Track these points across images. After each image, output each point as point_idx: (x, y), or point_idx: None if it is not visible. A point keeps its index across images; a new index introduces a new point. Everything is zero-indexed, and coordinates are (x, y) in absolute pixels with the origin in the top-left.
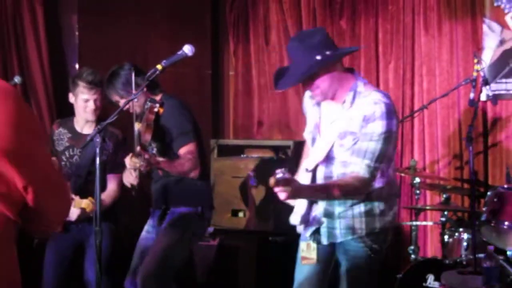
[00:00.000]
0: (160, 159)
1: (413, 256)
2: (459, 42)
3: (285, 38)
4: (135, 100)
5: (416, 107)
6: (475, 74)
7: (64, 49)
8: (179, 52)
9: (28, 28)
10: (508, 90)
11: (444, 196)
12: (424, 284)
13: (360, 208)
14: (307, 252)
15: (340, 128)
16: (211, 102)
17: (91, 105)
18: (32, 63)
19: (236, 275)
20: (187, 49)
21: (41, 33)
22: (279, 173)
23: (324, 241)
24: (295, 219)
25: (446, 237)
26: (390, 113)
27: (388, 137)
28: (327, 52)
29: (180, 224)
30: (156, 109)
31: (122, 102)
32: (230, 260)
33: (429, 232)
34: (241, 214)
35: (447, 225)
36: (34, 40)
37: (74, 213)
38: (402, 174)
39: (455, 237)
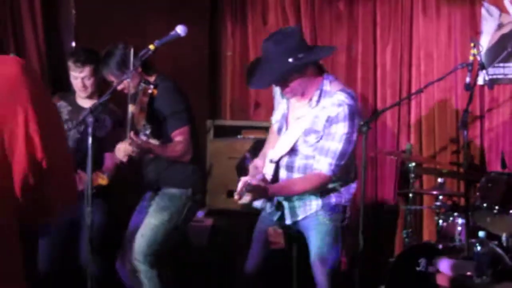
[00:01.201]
0: (153, 142)
1: (407, 240)
2: (457, 26)
3: (283, 19)
4: (128, 80)
5: (413, 90)
6: (471, 58)
7: (60, 28)
8: (172, 33)
9: (24, 7)
10: (505, 75)
11: (440, 180)
12: (417, 269)
13: (317, 192)
14: (274, 237)
15: (306, 125)
16: (208, 82)
17: (79, 82)
18: (28, 42)
19: (231, 255)
20: (180, 30)
21: (37, 11)
22: (244, 189)
23: (288, 221)
24: (257, 203)
25: (440, 221)
26: (353, 114)
27: (350, 137)
28: (300, 55)
29: (170, 205)
30: (150, 91)
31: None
32: (225, 241)
33: (424, 217)
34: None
35: (442, 210)
36: (30, 19)
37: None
38: (397, 158)
39: (449, 222)
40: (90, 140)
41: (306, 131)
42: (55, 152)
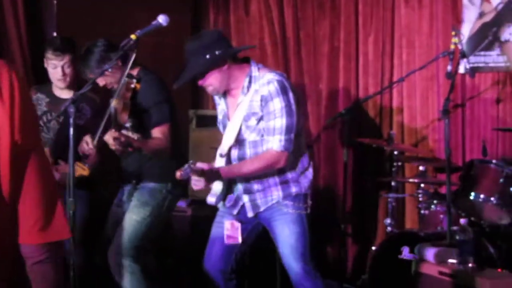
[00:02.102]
0: (134, 136)
1: (389, 228)
2: (439, 15)
3: (265, 9)
4: (110, 70)
5: (395, 79)
6: (453, 47)
7: (42, 18)
8: (154, 22)
9: None
10: (486, 63)
11: (421, 168)
12: (399, 257)
13: (275, 179)
14: (231, 231)
15: (244, 111)
16: None
17: (58, 71)
18: (9, 32)
19: None
20: (162, 19)
21: (19, 2)
22: (186, 168)
23: (250, 214)
24: (211, 199)
25: (422, 210)
26: (284, 88)
27: (289, 110)
28: (217, 52)
29: (151, 200)
30: (132, 85)
31: (99, 79)
32: (207, 231)
33: (406, 205)
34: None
35: (424, 198)
36: (11, 9)
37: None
38: (379, 146)
39: (431, 209)
40: (71, 131)
41: (245, 117)
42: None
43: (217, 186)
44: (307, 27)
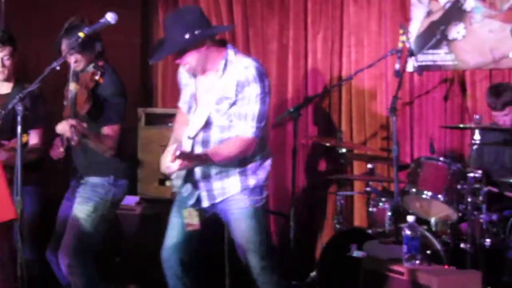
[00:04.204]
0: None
1: (338, 226)
2: (388, 13)
3: (214, 5)
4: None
5: (344, 77)
6: (400, 45)
7: None
8: (102, 20)
9: None
10: (434, 61)
11: (370, 166)
12: (347, 254)
13: (235, 168)
14: (190, 218)
15: (216, 94)
16: (140, 70)
17: None
18: None
19: (161, 243)
20: (110, 17)
21: None
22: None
23: (205, 203)
24: (177, 182)
25: (370, 207)
26: (262, 75)
27: (264, 98)
28: (196, 32)
29: (93, 195)
30: (97, 77)
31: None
32: (156, 229)
33: (355, 202)
34: (168, 183)
35: (372, 195)
36: None
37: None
38: (328, 144)
39: (379, 207)
40: (20, 128)
41: (218, 100)
42: None
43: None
44: (256, 25)
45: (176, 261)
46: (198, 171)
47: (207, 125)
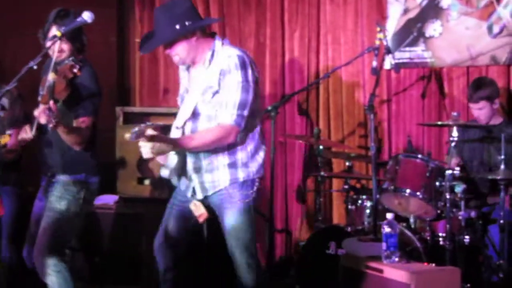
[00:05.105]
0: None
1: (316, 223)
2: (364, 11)
3: None
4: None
5: (321, 75)
6: (377, 42)
7: None
8: (79, 19)
9: None
10: (411, 59)
11: (348, 164)
12: (326, 251)
13: (224, 160)
14: (197, 210)
15: (202, 84)
16: (117, 69)
17: None
18: None
19: (140, 242)
20: (87, 16)
21: None
22: (135, 130)
23: (200, 195)
24: (164, 172)
25: (349, 204)
26: (244, 63)
27: (246, 86)
28: (187, 23)
29: (65, 193)
30: (75, 70)
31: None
32: (135, 228)
33: (333, 200)
34: (146, 182)
35: (351, 193)
36: None
37: None
38: (306, 142)
39: (358, 204)
40: None
41: (203, 90)
42: None
43: (172, 160)
44: (232, 23)
45: (170, 252)
46: (189, 163)
47: (195, 115)
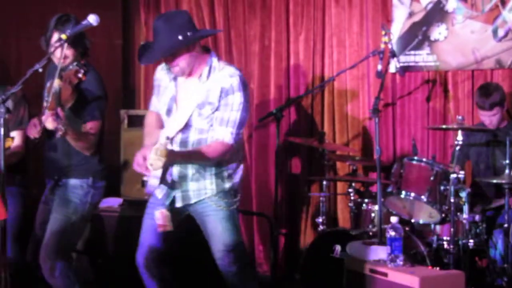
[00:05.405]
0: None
1: (321, 227)
2: (369, 14)
3: (196, 8)
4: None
5: (326, 79)
6: (382, 46)
7: None
8: (84, 22)
9: None
10: (416, 62)
11: (353, 167)
12: (331, 255)
13: (212, 171)
14: (162, 219)
15: (199, 99)
16: (122, 72)
17: None
18: None
19: None
20: (92, 19)
21: None
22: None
23: (179, 203)
24: (154, 182)
25: (354, 208)
26: (245, 84)
27: (246, 106)
28: (189, 33)
29: (72, 197)
30: (80, 75)
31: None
32: (139, 231)
33: (338, 203)
34: None
35: (355, 196)
36: None
37: None
38: (311, 145)
39: (362, 208)
40: (2, 131)
41: (200, 105)
42: None
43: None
44: (237, 27)
45: (150, 264)
46: (175, 171)
47: (186, 126)
